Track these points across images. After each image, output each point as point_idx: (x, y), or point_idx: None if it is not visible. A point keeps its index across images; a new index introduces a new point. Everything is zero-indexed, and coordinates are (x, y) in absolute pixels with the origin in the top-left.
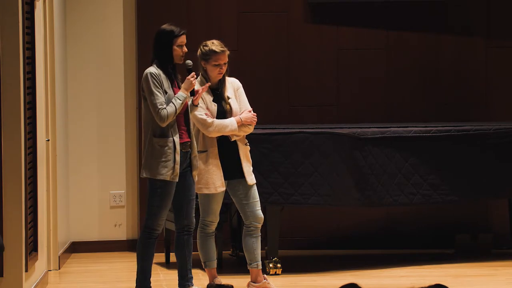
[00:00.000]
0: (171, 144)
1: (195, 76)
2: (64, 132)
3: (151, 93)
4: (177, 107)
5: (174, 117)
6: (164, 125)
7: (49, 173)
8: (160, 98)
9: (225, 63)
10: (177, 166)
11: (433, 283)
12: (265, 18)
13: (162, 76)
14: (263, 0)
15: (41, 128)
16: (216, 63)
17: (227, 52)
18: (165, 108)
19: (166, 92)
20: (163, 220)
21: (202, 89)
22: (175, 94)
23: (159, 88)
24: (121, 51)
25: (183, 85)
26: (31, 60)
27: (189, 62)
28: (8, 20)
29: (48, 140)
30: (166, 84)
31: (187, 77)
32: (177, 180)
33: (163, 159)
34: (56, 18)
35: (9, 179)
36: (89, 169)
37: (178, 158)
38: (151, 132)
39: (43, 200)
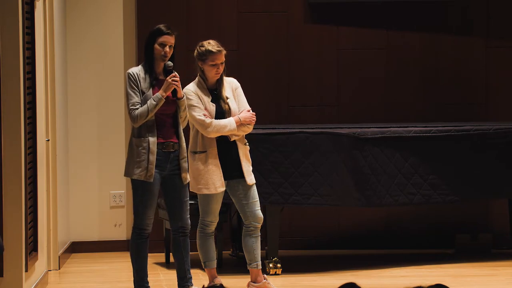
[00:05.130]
0: (145, 145)
1: (176, 77)
2: (64, 132)
3: (126, 93)
4: (149, 108)
5: (148, 118)
6: (136, 125)
7: (49, 173)
8: (134, 99)
9: (222, 63)
10: (151, 167)
11: (433, 283)
12: (265, 18)
13: (142, 76)
14: (263, 0)
15: (41, 128)
16: (213, 63)
17: (224, 52)
18: (136, 108)
19: (143, 93)
20: (150, 219)
21: (172, 80)
22: (153, 94)
23: (134, 89)
24: (121, 51)
25: (162, 87)
26: (31, 60)
27: (169, 63)
28: (8, 20)
29: (48, 140)
30: (144, 84)
31: (166, 79)
32: (151, 180)
33: (137, 159)
34: (56, 18)
35: (9, 179)
36: (89, 169)
37: (152, 158)
38: (131, 132)
39: (43, 200)
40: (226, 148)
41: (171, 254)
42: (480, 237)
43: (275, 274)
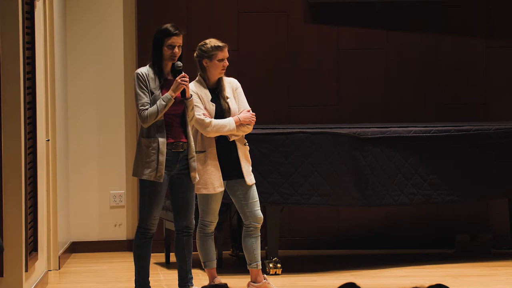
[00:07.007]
0: (155, 145)
1: (185, 77)
2: (64, 132)
3: (135, 94)
4: (159, 108)
5: (158, 118)
6: (145, 125)
7: (49, 173)
8: (143, 99)
9: (227, 58)
10: (161, 167)
11: (433, 283)
12: (265, 18)
13: (151, 76)
14: (263, 0)
15: (41, 128)
16: (222, 57)
17: (227, 47)
18: (146, 109)
19: (152, 93)
20: (155, 220)
21: (182, 81)
22: (163, 95)
23: (143, 89)
24: (121, 51)
25: (171, 87)
26: (31, 60)
27: (178, 63)
28: (8, 20)
29: (48, 140)
30: (153, 84)
31: (175, 79)
32: (161, 180)
33: (147, 160)
34: (56, 18)
35: (9, 179)
36: (89, 169)
37: (162, 159)
38: (140, 132)
39: (43, 200)
40: (225, 148)
41: (171, 254)
42: (480, 237)
43: (275, 274)
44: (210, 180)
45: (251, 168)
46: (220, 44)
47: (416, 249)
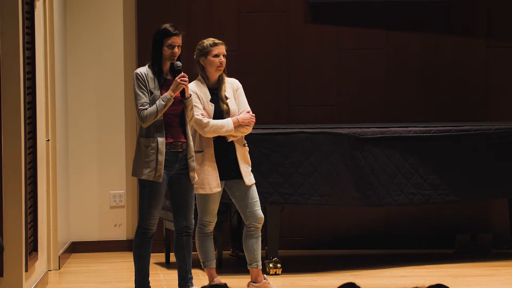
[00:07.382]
0: (154, 145)
1: (185, 77)
2: (64, 132)
3: (134, 94)
4: (158, 108)
5: (157, 118)
6: (145, 125)
7: (49, 173)
8: (142, 99)
9: (224, 55)
10: (160, 167)
11: (433, 283)
12: (265, 18)
13: (150, 76)
14: (263, 0)
15: (41, 128)
16: (216, 53)
17: (224, 46)
18: (145, 109)
19: (151, 93)
20: (155, 220)
21: (181, 80)
22: (162, 95)
23: (142, 89)
24: (121, 51)
25: (170, 87)
26: (31, 60)
27: (178, 63)
28: (8, 20)
29: (48, 140)
30: (152, 84)
31: (175, 79)
32: (160, 180)
33: (146, 159)
34: (56, 18)
35: (9, 179)
36: (89, 169)
37: (161, 158)
38: (139, 132)
39: (43, 200)
40: (223, 149)
41: (171, 254)
42: (480, 237)
43: (275, 274)
44: (206, 180)
45: (250, 168)
46: (216, 41)
47: (416, 249)
